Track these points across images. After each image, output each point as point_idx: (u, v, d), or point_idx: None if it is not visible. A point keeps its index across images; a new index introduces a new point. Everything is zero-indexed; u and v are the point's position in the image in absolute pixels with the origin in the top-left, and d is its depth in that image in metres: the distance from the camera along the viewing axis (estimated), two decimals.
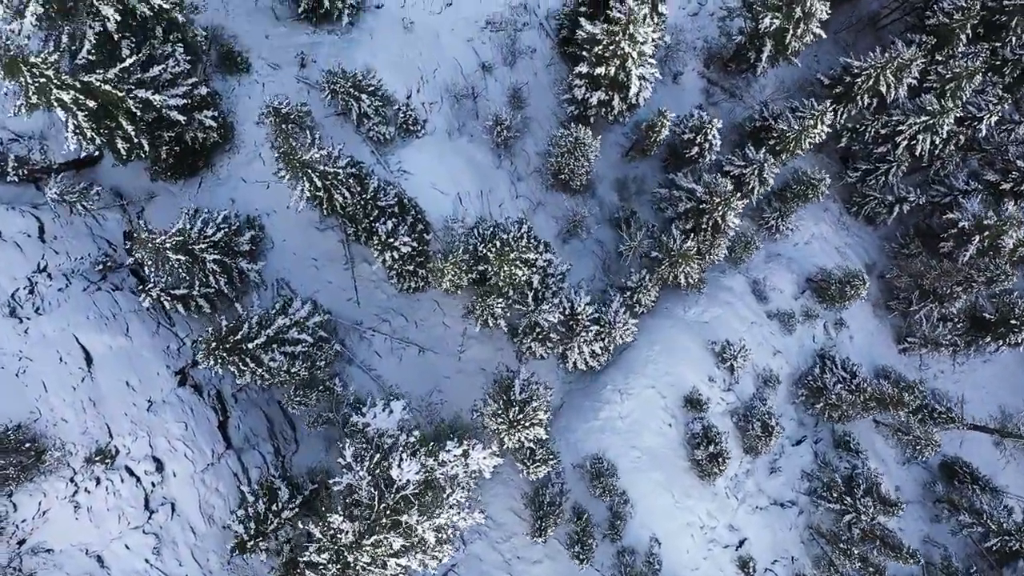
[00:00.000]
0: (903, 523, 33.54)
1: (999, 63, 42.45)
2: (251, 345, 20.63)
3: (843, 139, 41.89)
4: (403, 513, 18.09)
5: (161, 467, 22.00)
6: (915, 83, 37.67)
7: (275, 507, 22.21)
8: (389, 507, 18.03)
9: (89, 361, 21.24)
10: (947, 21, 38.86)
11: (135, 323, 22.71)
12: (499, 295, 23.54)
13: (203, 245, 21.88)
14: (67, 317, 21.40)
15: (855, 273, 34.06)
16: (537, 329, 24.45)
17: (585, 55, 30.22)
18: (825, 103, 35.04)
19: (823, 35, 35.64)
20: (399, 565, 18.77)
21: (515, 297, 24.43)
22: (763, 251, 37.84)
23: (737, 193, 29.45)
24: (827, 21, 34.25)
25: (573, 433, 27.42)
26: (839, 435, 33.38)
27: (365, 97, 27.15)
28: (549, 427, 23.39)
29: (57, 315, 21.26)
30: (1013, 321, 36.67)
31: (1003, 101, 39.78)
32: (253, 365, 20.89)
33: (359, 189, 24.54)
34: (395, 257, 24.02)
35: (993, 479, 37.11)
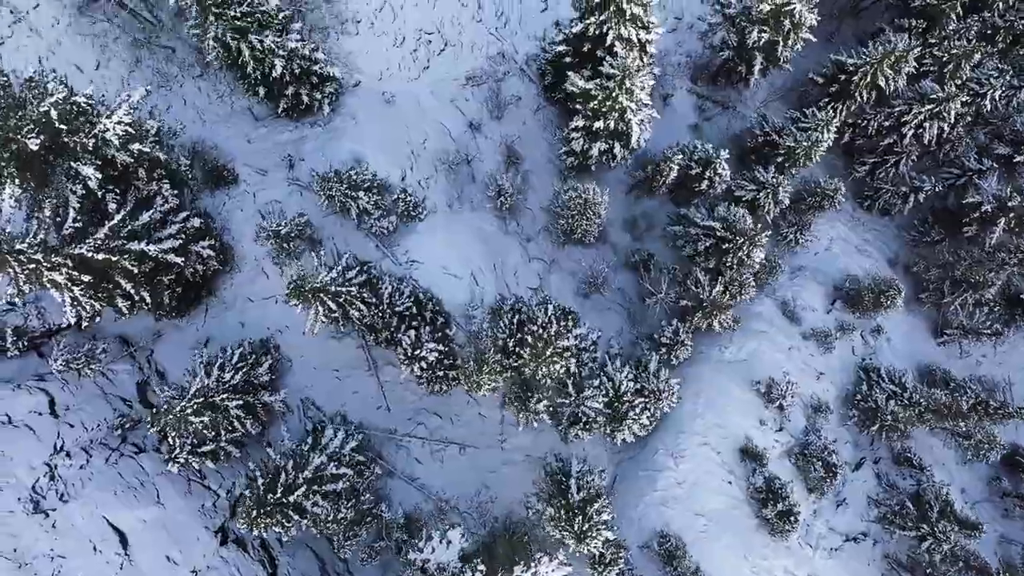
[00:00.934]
0: None
1: (990, 32, 41.29)
2: (292, 497, 19.43)
3: (845, 134, 40.76)
4: None
5: None
6: (913, 71, 36.51)
7: None
8: None
9: (124, 543, 20.01)
10: (935, 2, 37.71)
11: (165, 486, 21.50)
12: (539, 395, 22.35)
13: (223, 396, 20.67)
14: (94, 498, 20.18)
15: (888, 282, 32.87)
16: (583, 419, 23.27)
17: (579, 108, 29.05)
18: (828, 111, 33.91)
19: (813, 39, 34.54)
20: None
21: (554, 386, 23.23)
22: (785, 265, 36.66)
23: (760, 227, 28.18)
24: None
25: (633, 510, 26.19)
26: (897, 451, 32.17)
27: (362, 194, 25.94)
28: (613, 518, 22.17)
29: (83, 498, 20.05)
30: None
31: (1004, 74, 38.70)
32: (297, 517, 19.68)
33: (373, 299, 23.34)
34: (423, 367, 22.81)
35: None
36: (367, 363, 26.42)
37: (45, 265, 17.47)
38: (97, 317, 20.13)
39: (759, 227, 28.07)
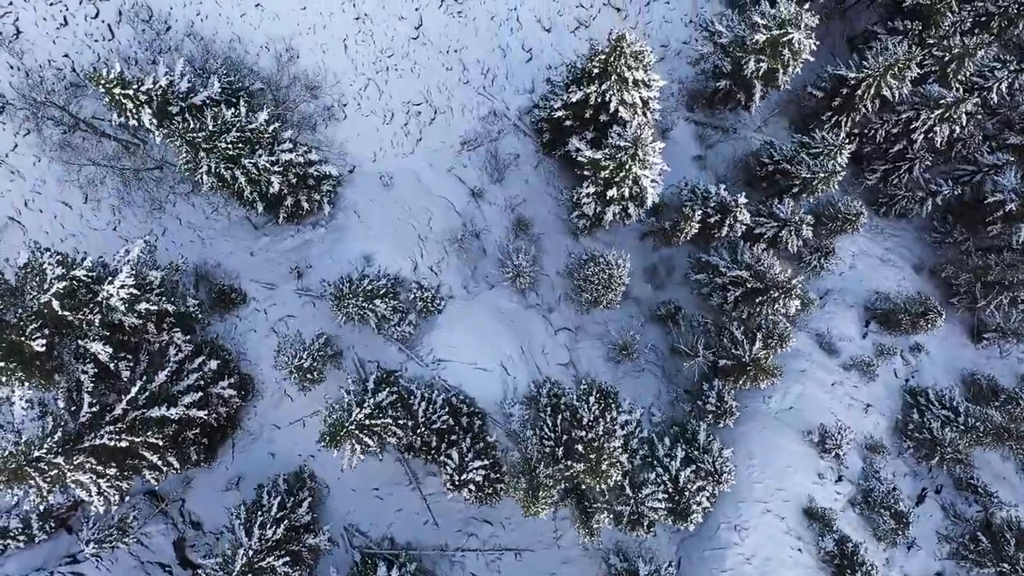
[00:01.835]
0: None
1: (984, 19, 40.23)
2: None
3: (853, 143, 39.66)
4: None
5: None
6: (916, 76, 35.45)
7: None
8: None
9: None
10: (928, 1, 36.63)
11: None
12: (600, 506, 21.19)
13: (269, 557, 19.46)
14: None
15: (926, 304, 31.71)
16: (645, 519, 22.07)
17: (587, 174, 27.90)
18: (838, 134, 32.78)
19: (812, 59, 33.41)
20: None
21: (611, 488, 22.06)
22: (812, 291, 35.56)
23: (792, 276, 27.00)
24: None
25: None
26: (958, 476, 31.04)
27: (378, 302, 24.77)
28: None
29: None
30: None
31: (1007, 64, 37.72)
32: None
33: (408, 418, 22.17)
34: (471, 489, 21.66)
35: None
36: (407, 477, 25.26)
37: (67, 468, 16.28)
38: (126, 496, 18.95)
39: (791, 276, 26.86)
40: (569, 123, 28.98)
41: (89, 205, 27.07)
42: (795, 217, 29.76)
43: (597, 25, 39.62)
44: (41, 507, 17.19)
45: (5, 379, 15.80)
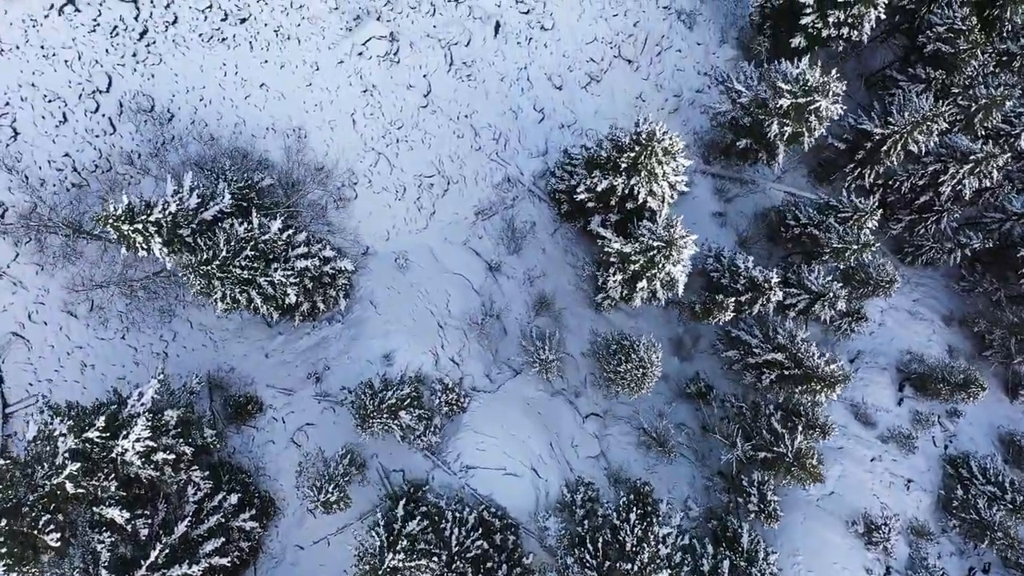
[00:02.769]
0: None
1: (1005, 58, 39.12)
2: None
3: (876, 193, 38.57)
4: None
5: None
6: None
7: None
8: None
9: None
10: (951, 49, 35.47)
11: None
12: None
13: None
14: None
15: (968, 376, 30.53)
16: None
17: (613, 261, 26.69)
18: (871, 202, 31.58)
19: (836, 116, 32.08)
20: None
21: None
22: (843, 356, 34.42)
23: (837, 371, 25.80)
24: None
25: None
26: (1006, 554, 29.86)
27: (403, 413, 23.60)
28: None
29: None
30: None
31: None
32: None
33: (440, 547, 21.01)
34: None
35: None
36: None
37: None
38: None
39: (835, 369, 25.61)
40: (591, 205, 27.81)
41: (95, 314, 25.90)
42: (830, 293, 28.52)
43: (608, 79, 38.59)
44: None
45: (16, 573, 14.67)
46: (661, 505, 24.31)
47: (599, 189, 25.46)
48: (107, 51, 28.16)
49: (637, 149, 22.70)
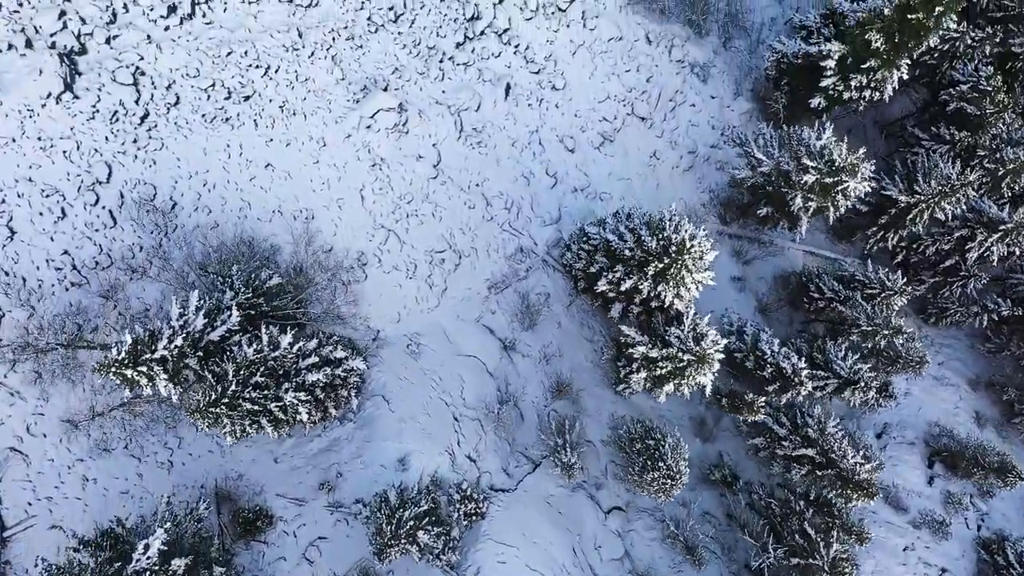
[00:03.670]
0: None
1: None
2: None
3: (899, 255, 37.56)
4: None
5: None
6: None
7: None
8: None
9: None
10: (977, 111, 34.41)
11: None
12: None
13: None
14: None
15: (1005, 462, 29.45)
16: None
17: (636, 358, 25.57)
18: (899, 278, 30.54)
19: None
20: None
21: None
22: (870, 431, 33.37)
23: (873, 480, 24.72)
24: None
25: None
26: None
27: (421, 534, 22.47)
28: None
29: None
30: None
31: None
32: None
33: None
34: None
35: None
36: None
37: None
38: None
39: (871, 470, 24.54)
40: (612, 295, 26.73)
41: (98, 422, 24.78)
42: (861, 381, 27.39)
43: (621, 138, 37.47)
44: None
45: None
46: None
47: (623, 289, 24.36)
48: (107, 138, 27.01)
49: (667, 261, 21.62)
